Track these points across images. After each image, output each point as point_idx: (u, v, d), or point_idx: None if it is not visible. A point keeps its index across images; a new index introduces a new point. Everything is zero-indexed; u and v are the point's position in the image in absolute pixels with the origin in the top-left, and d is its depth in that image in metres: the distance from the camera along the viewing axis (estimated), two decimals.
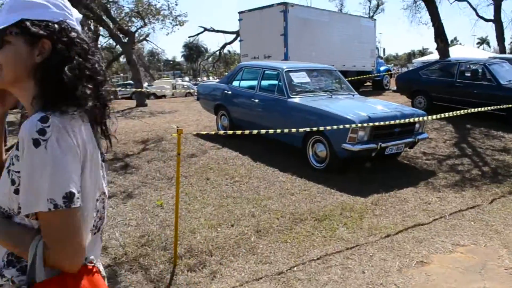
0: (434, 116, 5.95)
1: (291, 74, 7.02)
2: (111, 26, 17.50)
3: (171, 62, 77.16)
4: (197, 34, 26.43)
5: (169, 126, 10.18)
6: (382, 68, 20.96)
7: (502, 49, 19.13)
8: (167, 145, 7.91)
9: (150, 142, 8.34)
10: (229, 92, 8.14)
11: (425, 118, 6.46)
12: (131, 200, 5.12)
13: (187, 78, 67.12)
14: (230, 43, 25.45)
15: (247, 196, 5.18)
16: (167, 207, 4.94)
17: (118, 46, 19.16)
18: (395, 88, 11.94)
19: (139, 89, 16.89)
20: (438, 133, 8.59)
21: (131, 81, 24.29)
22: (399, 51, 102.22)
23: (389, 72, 21.84)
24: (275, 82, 7.17)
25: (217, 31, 25.53)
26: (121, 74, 65.78)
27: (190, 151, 7.46)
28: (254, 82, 7.68)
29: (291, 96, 6.68)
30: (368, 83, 21.73)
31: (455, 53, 34.14)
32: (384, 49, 22.20)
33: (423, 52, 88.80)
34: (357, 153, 5.68)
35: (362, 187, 5.56)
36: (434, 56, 43.68)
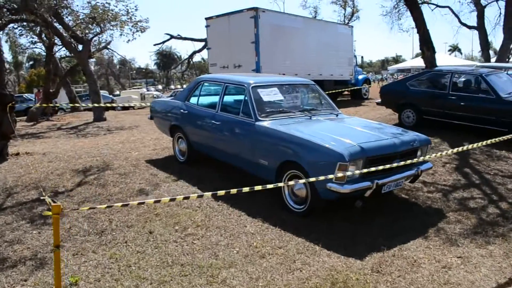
0: (451, 151, 4.69)
1: (259, 90, 5.63)
2: (64, 33, 15.84)
3: (143, 70, 75.46)
4: (163, 42, 24.95)
5: (122, 149, 8.68)
6: (360, 77, 19.93)
7: (487, 57, 18.31)
8: (110, 177, 6.41)
9: (92, 172, 6.81)
10: (186, 111, 6.70)
11: (430, 145, 5.19)
12: (36, 275, 3.59)
13: (160, 86, 65.49)
14: (199, 51, 24.05)
15: (200, 262, 3.73)
16: (84, 285, 3.45)
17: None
18: (379, 101, 10.71)
19: (95, 103, 15.27)
20: (434, 154, 7.32)
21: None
22: (373, 58, 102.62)
23: (368, 82, 20.82)
24: (241, 99, 5.78)
25: (185, 38, 24.06)
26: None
27: (137, 185, 5.99)
28: (215, 99, 6.27)
29: (260, 119, 5.29)
30: (346, 92, 20.65)
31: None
32: (362, 57, 21.21)
33: (396, 59, 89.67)
34: (346, 195, 4.31)
35: (355, 238, 4.20)
36: (408, 63, 43.58)
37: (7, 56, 51.92)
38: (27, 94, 25.89)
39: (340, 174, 4.18)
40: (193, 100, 6.74)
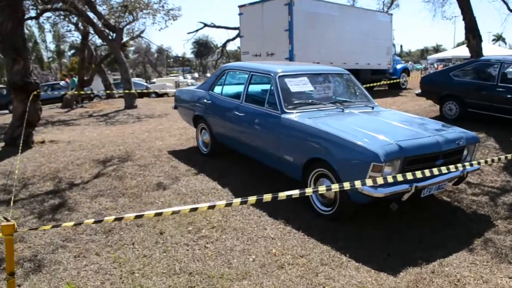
0: (505, 156, 4.11)
1: (287, 80, 5.16)
2: (97, 22, 15.81)
3: (180, 59, 76.02)
4: (197, 30, 24.70)
5: (147, 138, 8.44)
6: (399, 66, 19.00)
7: None
8: (129, 169, 6.14)
9: (112, 162, 6.58)
10: (209, 101, 6.32)
11: (478, 144, 4.59)
12: (31, 279, 3.30)
13: (196, 74, 65.72)
14: (233, 39, 23.61)
15: (210, 272, 3.34)
16: None
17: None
18: (418, 91, 9.99)
19: (127, 90, 15.21)
20: (479, 151, 6.66)
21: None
22: (412, 47, 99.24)
23: (407, 71, 19.85)
24: (266, 90, 5.33)
25: (218, 26, 23.68)
26: (130, 70, 64.73)
27: (155, 178, 5.68)
28: (240, 89, 5.85)
29: (286, 111, 4.83)
30: (383, 82, 19.77)
31: (467, 52, 31.94)
32: (401, 46, 20.31)
33: (437, 49, 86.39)
34: (380, 199, 3.81)
35: (389, 249, 3.69)
36: (449, 53, 41.62)
37: (50, 45, 53.43)
38: (63, 82, 26.29)
39: (375, 174, 3.68)
40: (217, 89, 6.35)
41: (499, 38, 75.20)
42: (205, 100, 6.40)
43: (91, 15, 15.63)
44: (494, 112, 8.18)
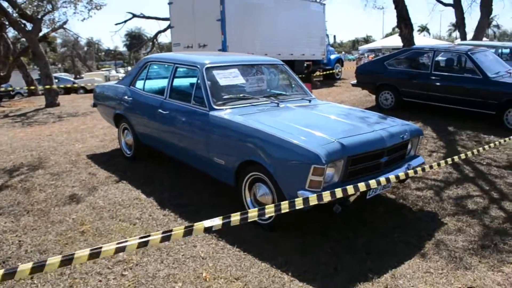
0: (443, 162, 3.81)
1: (215, 72, 4.59)
2: (12, 12, 14.23)
3: (112, 52, 72.64)
4: (125, 21, 23.19)
5: (65, 140, 7.52)
6: (333, 57, 19.02)
7: (463, 36, 17.63)
8: (39, 178, 5.32)
9: (20, 171, 5.69)
10: (130, 98, 5.60)
11: (422, 137, 4.30)
12: None
13: (129, 68, 62.91)
14: (164, 30, 22.49)
15: None
16: None
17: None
18: (354, 81, 9.81)
19: (47, 86, 13.88)
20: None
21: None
22: (343, 38, 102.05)
23: (341, 61, 19.97)
24: (193, 84, 4.73)
25: (148, 17, 22.45)
26: (59, 65, 60.80)
27: (69, 189, 4.91)
28: (164, 84, 5.20)
29: (215, 107, 4.26)
30: (317, 73, 19.76)
31: (397, 41, 33.11)
32: (334, 36, 20.37)
33: (367, 40, 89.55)
34: (322, 205, 3.36)
35: (334, 262, 3.26)
36: (379, 43, 43.02)
37: None
38: None
39: (316, 178, 3.23)
40: (139, 84, 5.64)
41: (424, 28, 79.43)
42: (126, 97, 5.66)
43: (4, 4, 14.05)
44: (429, 101, 8.14)
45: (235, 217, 2.34)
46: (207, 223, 2.23)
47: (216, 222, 2.26)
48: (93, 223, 3.95)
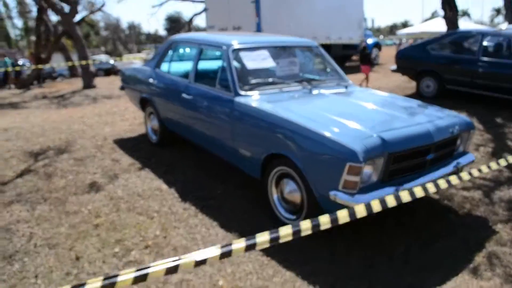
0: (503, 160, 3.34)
1: (243, 54, 4.21)
2: None
3: (153, 35, 73.16)
4: (161, 4, 22.99)
5: (95, 123, 7.40)
6: (370, 41, 18.20)
7: (510, 19, 16.39)
8: (62, 163, 5.16)
9: (46, 155, 5.59)
10: (156, 81, 5.31)
11: (473, 131, 3.80)
12: None
13: None
14: (200, 13, 22.16)
15: None
16: None
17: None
18: (394, 67, 9.20)
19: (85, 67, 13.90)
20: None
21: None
22: (381, 23, 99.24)
23: (379, 46, 19.12)
24: (219, 66, 4.37)
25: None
26: (102, 48, 61.84)
27: (90, 176, 4.71)
28: (189, 66, 4.86)
29: (241, 93, 3.90)
30: (354, 57, 19.01)
31: (436, 26, 31.54)
32: (372, 20, 19.41)
33: (405, 24, 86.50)
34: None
35: (368, 274, 2.88)
36: (417, 28, 41.33)
37: (17, 21, 49.81)
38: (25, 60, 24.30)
39: (351, 177, 2.84)
40: (164, 66, 5.34)
41: (464, 13, 76.02)
42: (151, 80, 5.38)
43: None
44: (475, 89, 7.49)
45: (283, 232, 1.97)
46: (238, 243, 1.86)
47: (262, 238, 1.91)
48: (108, 216, 3.70)
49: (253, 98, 3.83)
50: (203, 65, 4.89)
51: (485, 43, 7.63)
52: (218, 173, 4.64)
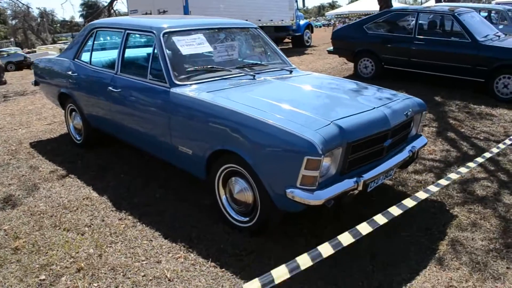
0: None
1: (175, 38, 3.74)
2: None
3: (68, 23, 68.52)
4: None
5: (7, 124, 6.55)
6: (302, 22, 18.16)
7: None
8: None
9: None
10: (75, 74, 4.68)
11: (425, 112, 3.66)
12: None
13: None
14: None
15: None
16: None
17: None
18: (330, 48, 9.08)
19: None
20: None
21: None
22: (308, 4, 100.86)
23: (310, 28, 19.14)
24: (149, 54, 3.87)
25: None
26: (11, 39, 56.90)
27: (4, 189, 4.04)
28: (115, 55, 4.30)
29: (177, 83, 3.45)
30: (287, 40, 18.93)
31: (364, 6, 32.34)
32: (303, 0, 19.31)
33: (332, 5, 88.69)
34: (317, 206, 2.67)
35: (333, 275, 2.61)
36: (345, 9, 42.35)
37: None
38: None
39: (309, 172, 2.53)
40: (85, 56, 4.71)
41: None
42: (70, 72, 4.74)
43: None
44: (412, 68, 7.54)
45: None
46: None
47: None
48: (30, 236, 3.13)
49: (191, 88, 3.40)
50: (131, 53, 4.38)
51: (420, 21, 7.68)
52: (155, 174, 4.17)
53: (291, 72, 4.12)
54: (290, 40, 18.71)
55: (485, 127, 5.51)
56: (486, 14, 11.87)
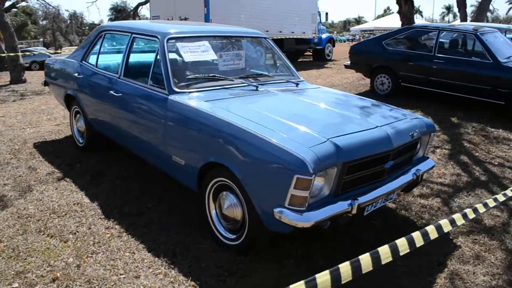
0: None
1: (180, 45, 3.65)
2: None
3: (96, 26, 69.83)
4: None
5: (17, 123, 6.56)
6: (324, 36, 18.02)
7: (463, 16, 16.69)
8: None
9: None
10: (81, 76, 4.65)
11: (434, 134, 3.45)
12: None
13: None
14: (145, 2, 21.09)
15: None
16: None
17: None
18: (347, 62, 8.91)
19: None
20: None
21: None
22: (334, 19, 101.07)
23: (332, 41, 18.98)
24: (153, 60, 3.78)
25: None
26: (40, 39, 58.29)
27: None
28: (120, 58, 4.24)
29: (176, 90, 3.35)
30: (308, 53, 18.81)
31: (388, 22, 32.16)
32: (326, 14, 19.20)
33: (358, 21, 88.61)
34: (307, 229, 2.50)
35: None
36: (370, 24, 42.10)
37: None
38: None
39: (299, 192, 2.37)
40: (92, 59, 4.67)
41: (416, 10, 79.08)
42: (76, 74, 4.70)
43: None
44: (430, 87, 7.30)
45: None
46: None
47: None
48: (12, 240, 3.05)
49: (189, 96, 3.29)
50: (135, 57, 4.31)
51: (441, 39, 7.46)
52: (153, 183, 4.07)
53: (297, 85, 3.98)
54: (311, 53, 18.58)
55: (501, 152, 5.25)
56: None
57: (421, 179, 3.32)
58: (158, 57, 3.60)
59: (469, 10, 15.93)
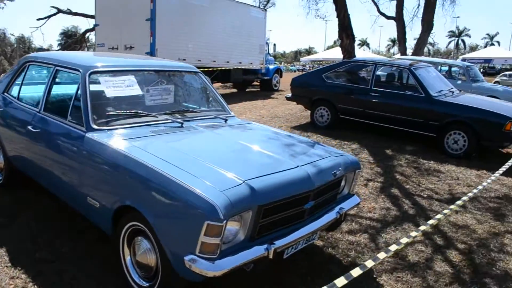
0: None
1: (103, 79, 3.51)
2: None
3: (44, 51, 67.63)
4: (48, 17, 20.97)
5: None
6: (271, 67, 18.33)
7: (403, 50, 17.55)
8: None
9: None
10: (1, 108, 4.39)
11: (359, 171, 3.47)
12: None
13: None
14: (93, 29, 20.71)
15: None
16: None
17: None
18: (289, 94, 9.03)
19: None
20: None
21: None
22: (286, 49, 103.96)
23: (280, 72, 19.33)
24: (73, 94, 3.62)
25: (75, 13, 20.59)
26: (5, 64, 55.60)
27: None
28: (42, 91, 4.03)
29: (95, 127, 3.19)
30: (255, 83, 19.03)
31: (339, 54, 33.47)
32: (274, 45, 19.64)
33: (309, 51, 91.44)
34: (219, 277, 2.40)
35: None
36: (320, 55, 43.49)
37: None
38: None
39: (210, 239, 2.27)
40: (14, 90, 4.43)
41: (364, 43, 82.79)
42: None
43: None
44: (367, 119, 7.50)
45: None
46: None
47: None
48: None
49: (108, 134, 3.15)
50: (57, 91, 4.12)
51: (378, 73, 7.73)
52: (71, 225, 3.82)
53: (226, 120, 3.92)
54: (258, 83, 18.81)
55: (431, 184, 5.42)
56: (447, 68, 12.21)
57: (345, 217, 3.32)
58: (79, 91, 3.44)
59: (413, 43, 16.83)
